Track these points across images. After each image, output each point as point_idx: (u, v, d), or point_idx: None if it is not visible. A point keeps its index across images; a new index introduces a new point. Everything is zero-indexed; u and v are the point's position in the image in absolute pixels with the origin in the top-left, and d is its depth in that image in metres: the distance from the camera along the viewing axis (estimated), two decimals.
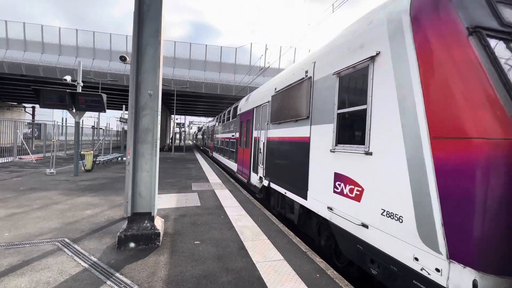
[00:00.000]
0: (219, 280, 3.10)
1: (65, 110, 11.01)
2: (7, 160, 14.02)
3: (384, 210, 2.74)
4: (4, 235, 4.17)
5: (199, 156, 22.38)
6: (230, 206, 6.44)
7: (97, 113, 20.30)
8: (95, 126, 21.67)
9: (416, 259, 2.38)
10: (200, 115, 60.13)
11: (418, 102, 2.42)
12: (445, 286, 2.15)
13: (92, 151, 12.15)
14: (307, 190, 4.45)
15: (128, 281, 3.01)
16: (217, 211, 6.01)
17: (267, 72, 22.35)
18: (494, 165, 1.93)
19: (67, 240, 4.06)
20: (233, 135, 11.96)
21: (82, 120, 10.60)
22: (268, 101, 6.79)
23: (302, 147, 4.69)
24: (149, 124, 4.10)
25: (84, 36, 24.12)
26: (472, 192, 1.98)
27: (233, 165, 11.51)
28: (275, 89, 6.31)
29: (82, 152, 11.49)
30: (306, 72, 4.74)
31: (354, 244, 3.25)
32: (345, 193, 3.40)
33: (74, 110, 9.68)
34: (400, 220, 2.54)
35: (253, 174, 8.08)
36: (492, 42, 2.27)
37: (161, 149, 30.49)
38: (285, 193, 5.48)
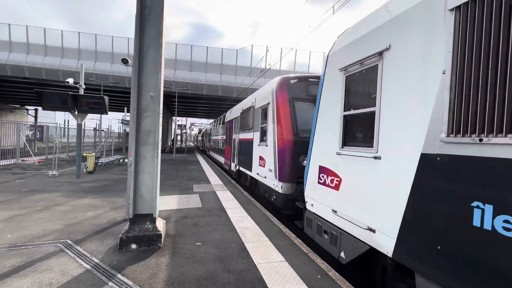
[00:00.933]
0: (220, 281, 3.10)
1: (67, 112, 11.09)
2: (10, 162, 14.12)
3: (269, 169, 6.34)
4: (7, 236, 4.20)
5: (200, 158, 22.39)
6: (231, 208, 6.45)
7: (99, 115, 20.38)
8: (97, 128, 21.78)
9: (274, 184, 6.01)
10: (202, 117, 60.18)
11: (275, 125, 6.05)
12: (278, 190, 5.78)
13: (94, 153, 12.20)
14: (252, 166, 8.11)
15: (130, 282, 3.02)
16: (219, 212, 6.03)
17: (268, 73, 22.36)
18: (287, 145, 5.73)
19: (69, 242, 4.08)
20: (222, 137, 15.76)
21: (84, 122, 10.67)
22: (239, 116, 10.53)
23: (250, 144, 8.35)
24: (150, 126, 4.12)
25: (86, 39, 24.24)
26: (283, 155, 5.75)
27: (221, 159, 15.81)
28: (242, 109, 9.97)
29: (84, 154, 11.54)
30: (252, 103, 8.31)
31: (262, 186, 7.07)
32: (261, 164, 7.07)
33: (76, 112, 9.73)
34: (271, 171, 6.15)
35: (232, 163, 11.71)
36: (301, 103, 6.03)
37: (163, 151, 30.55)
38: (245, 171, 9.13)
